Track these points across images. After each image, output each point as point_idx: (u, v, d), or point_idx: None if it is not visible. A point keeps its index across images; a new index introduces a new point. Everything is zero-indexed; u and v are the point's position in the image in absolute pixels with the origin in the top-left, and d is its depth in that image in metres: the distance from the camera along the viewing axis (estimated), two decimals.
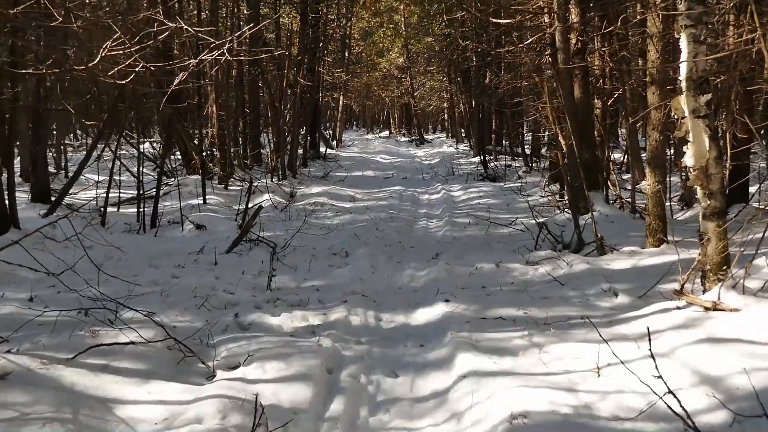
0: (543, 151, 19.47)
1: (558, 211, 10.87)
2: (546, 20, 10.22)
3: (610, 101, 10.88)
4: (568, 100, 9.21)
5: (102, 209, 10.16)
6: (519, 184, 14.97)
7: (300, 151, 21.03)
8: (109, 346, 4.62)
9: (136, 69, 3.50)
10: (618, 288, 6.40)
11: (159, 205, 12.15)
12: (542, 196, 12.42)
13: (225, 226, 9.83)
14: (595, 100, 10.90)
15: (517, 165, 18.74)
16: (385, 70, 36.20)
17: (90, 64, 3.30)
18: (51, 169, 16.21)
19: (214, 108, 13.46)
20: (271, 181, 14.75)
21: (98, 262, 8.17)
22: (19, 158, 15.65)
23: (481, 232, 9.92)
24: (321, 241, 9.09)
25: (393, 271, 7.72)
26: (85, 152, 19.42)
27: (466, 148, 27.70)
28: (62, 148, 17.16)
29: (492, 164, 18.17)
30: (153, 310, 5.75)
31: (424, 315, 6.07)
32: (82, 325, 5.01)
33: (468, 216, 11.34)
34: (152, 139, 19.78)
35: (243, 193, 13.38)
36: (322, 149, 23.56)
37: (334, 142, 29.66)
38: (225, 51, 3.86)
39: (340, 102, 29.98)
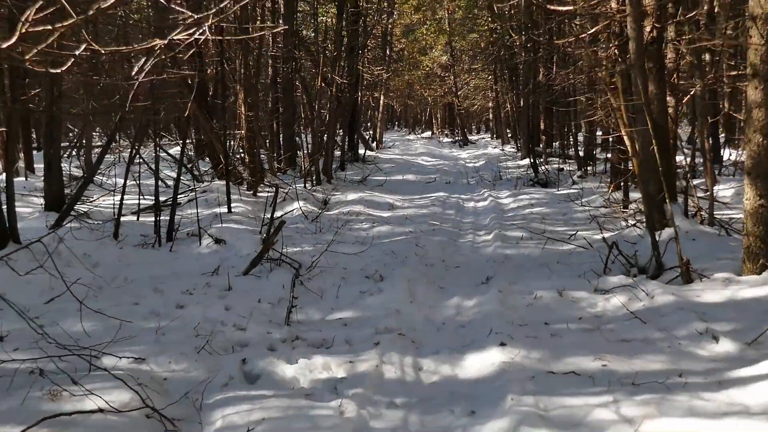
0: (598, 153, 18.03)
1: (624, 224, 9.52)
2: (613, 6, 8.90)
3: (685, 99, 9.49)
4: (643, 98, 7.88)
5: (116, 219, 9.25)
6: (574, 191, 13.59)
7: (338, 153, 20.03)
8: (70, 416, 3.59)
9: (76, 52, 2.40)
10: (717, 330, 5.11)
11: (182, 214, 11.29)
12: (604, 206, 11.05)
13: (247, 241, 8.78)
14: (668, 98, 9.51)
15: (569, 169, 17.31)
16: (427, 69, 34.96)
17: (5, 44, 2.22)
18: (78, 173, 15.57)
19: (242, 108, 12.48)
20: (304, 186, 13.71)
21: (101, 283, 7.30)
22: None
23: (537, 249, 8.65)
24: (353, 260, 7.95)
25: (435, 300, 6.53)
26: (119, 154, 18.83)
27: (513, 150, 26.29)
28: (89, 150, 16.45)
29: (542, 168, 16.78)
30: (143, 355, 4.73)
31: (474, 364, 4.87)
32: (42, 382, 3.99)
33: (520, 228, 10.08)
34: (178, 141, 19.03)
35: (277, 200, 12.43)
36: (361, 151, 22.49)
37: (374, 144, 28.58)
38: (206, 29, 2.73)
39: (381, 101, 28.88)
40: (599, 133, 21.02)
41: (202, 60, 14.33)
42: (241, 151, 13.05)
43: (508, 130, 29.83)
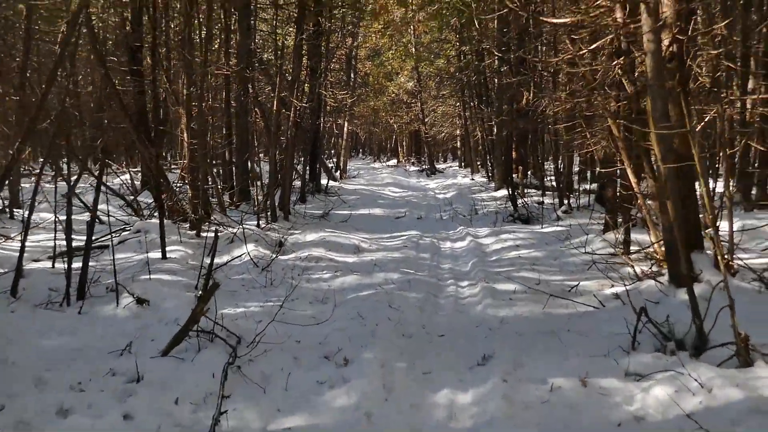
0: (579, 185, 16.74)
1: (632, 272, 8.04)
2: (618, 18, 7.50)
3: (700, 125, 8.11)
4: (660, 124, 6.44)
5: (16, 270, 7.39)
6: (561, 229, 12.14)
7: (298, 183, 18.33)
8: None
9: None
10: None
11: (109, 259, 9.49)
12: (606, 251, 9.56)
13: (177, 300, 7.01)
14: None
15: (550, 202, 15.93)
16: (393, 95, 33.65)
17: None
18: None
19: (185, 134, 10.76)
20: (258, 225, 11.97)
21: None
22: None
23: (537, 308, 7.08)
24: (309, 333, 6.23)
25: (418, 394, 4.85)
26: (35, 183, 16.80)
27: (483, 180, 24.97)
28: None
29: (521, 201, 15.34)
30: None
31: None
32: None
33: (509, 278, 8.51)
34: (124, 169, 17.12)
35: (221, 243, 10.66)
36: (324, 181, 20.84)
37: (338, 173, 26.96)
38: None
39: (345, 128, 27.34)
40: (578, 163, 19.88)
41: (141, 79, 12.64)
42: (182, 183, 11.26)
43: (478, 160, 28.55)
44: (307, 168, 19.29)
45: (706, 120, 8.32)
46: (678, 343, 5.42)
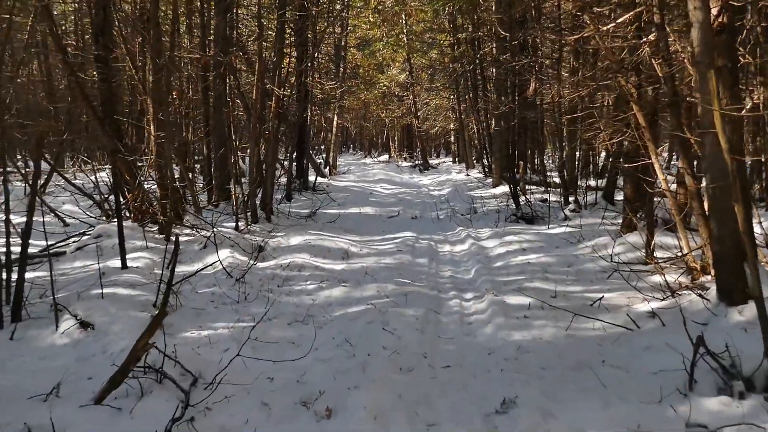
0: (584, 180, 15.62)
1: (662, 282, 6.94)
2: None
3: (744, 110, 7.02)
4: (707, 110, 5.34)
5: None
6: (571, 230, 11.03)
7: (284, 180, 17.14)
8: None
9: None
10: None
11: (63, 269, 8.37)
12: (635, 261, 8.46)
13: (128, 323, 5.83)
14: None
15: (553, 200, 14.82)
16: (385, 88, 32.43)
17: None
18: None
19: (151, 126, 9.55)
20: (236, 227, 10.79)
21: None
22: None
23: (559, 330, 5.96)
24: (285, 366, 5.07)
25: None
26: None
27: (479, 175, 23.84)
28: None
29: (523, 198, 14.20)
30: None
31: None
32: None
33: (521, 289, 7.40)
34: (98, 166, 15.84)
35: (193, 248, 9.49)
36: (312, 178, 19.66)
37: (327, 169, 25.76)
38: None
39: (335, 122, 26.11)
40: (580, 157, 18.75)
41: (108, 65, 11.41)
42: (150, 181, 10.04)
43: (474, 154, 27.43)
44: (293, 164, 18.07)
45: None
46: (747, 383, 4.32)
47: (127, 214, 10.18)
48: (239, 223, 10.98)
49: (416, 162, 33.73)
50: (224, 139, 12.81)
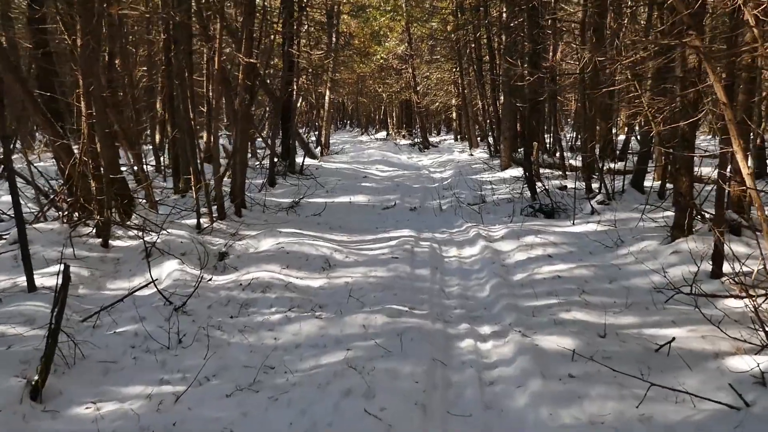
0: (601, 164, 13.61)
1: (746, 309, 5.05)
2: None
3: None
4: None
5: None
6: (602, 228, 9.11)
7: (266, 163, 15.16)
8: None
9: None
10: None
11: None
12: (712, 279, 6.53)
13: None
14: None
15: (571, 186, 12.85)
16: (382, 60, 30.19)
17: None
18: None
19: (82, 102, 7.56)
20: (197, 226, 8.86)
21: None
22: None
23: (626, 405, 4.05)
24: None
25: None
26: None
27: (484, 155, 21.83)
28: None
29: (539, 185, 12.21)
30: None
31: None
32: None
33: (554, 322, 5.49)
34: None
35: (136, 257, 7.56)
36: (299, 159, 17.64)
37: (319, 149, 23.70)
38: None
39: (327, 97, 23.96)
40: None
41: (43, 30, 9.45)
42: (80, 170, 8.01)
43: (477, 131, 25.37)
44: (277, 144, 16.05)
45: None
46: None
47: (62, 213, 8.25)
48: (200, 221, 9.05)
49: (416, 140, 31.65)
50: (188, 121, 10.77)
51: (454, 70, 26.78)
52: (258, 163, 17.07)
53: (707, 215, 7.98)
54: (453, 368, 4.77)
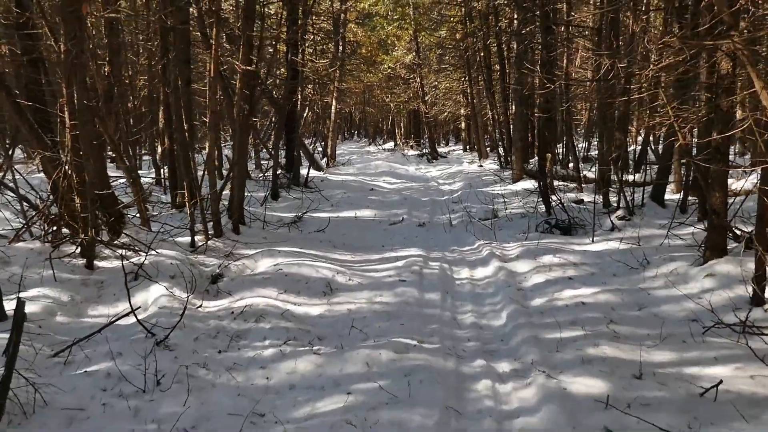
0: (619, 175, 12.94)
1: None
2: None
3: None
4: None
5: None
6: (623, 246, 8.48)
7: (269, 175, 14.60)
8: None
9: None
10: None
11: None
12: (753, 307, 5.91)
13: None
14: None
15: (588, 199, 12.23)
16: (389, 70, 29.68)
17: None
18: None
19: (66, 109, 7.02)
20: (191, 244, 8.29)
21: None
22: None
23: None
24: None
25: None
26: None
27: (494, 166, 21.23)
28: None
29: (554, 198, 11.57)
30: None
31: None
32: None
33: (582, 360, 4.86)
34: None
35: (122, 280, 6.99)
36: (304, 171, 17.08)
37: (325, 160, 23.15)
38: None
39: (333, 107, 23.43)
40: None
41: (31, 36, 8.94)
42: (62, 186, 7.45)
43: (487, 142, 24.77)
44: (277, 155, 15.49)
45: None
46: None
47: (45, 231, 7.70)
48: (195, 239, 8.47)
49: (424, 150, 31.08)
50: (184, 130, 10.21)
51: (462, 79, 26.22)
52: (261, 175, 16.55)
53: (741, 233, 7.35)
54: (468, 417, 4.15)
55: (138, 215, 9.11)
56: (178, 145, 8.57)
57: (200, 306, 6.25)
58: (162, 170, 15.43)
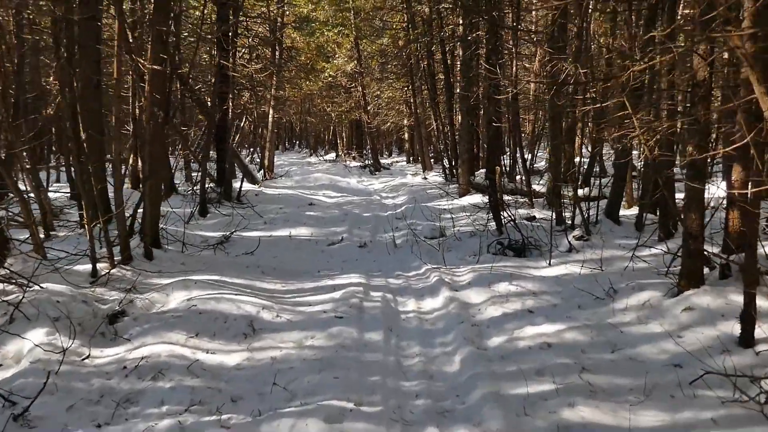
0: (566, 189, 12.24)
1: None
2: None
3: None
4: None
5: None
6: (584, 269, 7.67)
7: (197, 188, 13.31)
8: None
9: None
10: None
11: None
12: (742, 348, 5.10)
13: None
14: None
15: (540, 216, 11.50)
16: (330, 78, 28.67)
17: None
18: None
19: None
20: (93, 274, 7.03)
21: None
22: None
23: None
24: None
25: None
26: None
27: (439, 178, 20.48)
28: None
29: (505, 215, 10.72)
30: None
31: None
32: None
33: (558, 425, 3.93)
34: None
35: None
36: (237, 184, 15.83)
37: (262, 172, 21.90)
38: None
39: (270, 116, 22.21)
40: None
41: None
42: None
43: (431, 154, 24.01)
44: (204, 167, 14.23)
45: None
46: None
47: None
48: (98, 266, 7.21)
49: (366, 162, 30.13)
50: (97, 138, 8.89)
51: (405, 88, 25.45)
52: (190, 189, 15.23)
53: (721, 259, 6.62)
54: None
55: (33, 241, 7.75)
56: (73, 156, 7.29)
57: (87, 357, 5.05)
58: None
